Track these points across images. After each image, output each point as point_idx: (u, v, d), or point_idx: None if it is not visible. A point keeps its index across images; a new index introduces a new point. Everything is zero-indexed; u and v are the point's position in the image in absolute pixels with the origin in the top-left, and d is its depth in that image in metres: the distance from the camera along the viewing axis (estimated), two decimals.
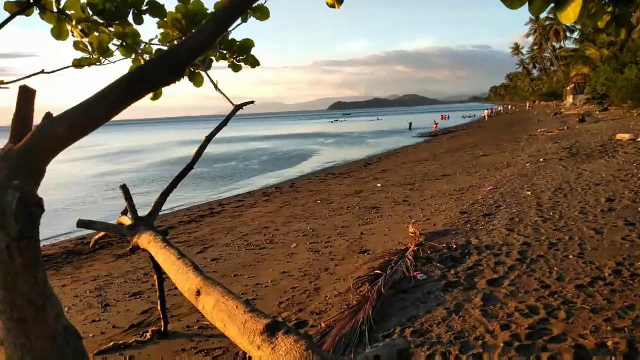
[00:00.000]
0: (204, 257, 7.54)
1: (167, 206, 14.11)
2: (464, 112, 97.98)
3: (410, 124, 58.38)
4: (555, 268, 4.53)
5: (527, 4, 1.60)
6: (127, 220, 4.50)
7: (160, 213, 4.53)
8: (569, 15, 1.57)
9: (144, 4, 2.26)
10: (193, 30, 2.60)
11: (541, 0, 1.59)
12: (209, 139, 4.51)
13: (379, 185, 13.74)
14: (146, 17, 2.46)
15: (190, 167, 4.53)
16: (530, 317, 3.59)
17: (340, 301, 4.45)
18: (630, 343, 3.07)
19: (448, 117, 75.92)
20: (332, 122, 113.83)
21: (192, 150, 4.59)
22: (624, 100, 28.99)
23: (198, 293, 2.40)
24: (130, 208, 4.51)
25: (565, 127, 24.17)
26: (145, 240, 3.77)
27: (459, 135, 35.18)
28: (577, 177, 9.35)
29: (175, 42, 2.70)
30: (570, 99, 54.74)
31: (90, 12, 2.37)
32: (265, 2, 2.43)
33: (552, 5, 1.60)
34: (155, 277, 4.51)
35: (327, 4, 2.30)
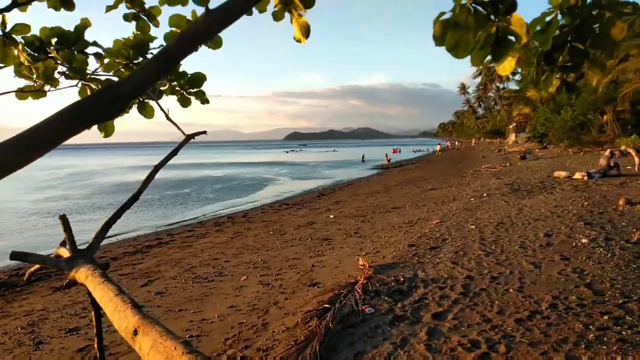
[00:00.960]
0: (148, 290, 7.23)
1: (112, 236, 13.51)
2: (415, 147, 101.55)
3: (363, 156, 59.94)
4: (497, 302, 4.70)
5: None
6: (65, 253, 4.27)
7: (104, 243, 4.34)
8: (505, 68, 1.71)
9: (91, 45, 2.24)
10: (140, 60, 2.61)
11: (479, 54, 1.72)
12: (157, 168, 4.40)
13: (332, 216, 13.83)
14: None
15: (136, 197, 4.38)
16: (472, 351, 3.68)
17: (288, 337, 4.38)
18: None
19: (399, 151, 78.31)
20: (287, 152, 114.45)
21: (142, 176, 4.48)
22: (561, 139, 31.06)
23: (135, 333, 2.29)
24: (69, 240, 4.28)
25: (508, 164, 25.48)
26: (83, 275, 3.58)
27: (410, 169, 36.24)
28: (518, 212, 9.82)
29: (122, 69, 2.68)
30: (512, 137, 57.97)
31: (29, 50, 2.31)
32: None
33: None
34: (92, 313, 4.27)
35: (294, 38, 2.37)
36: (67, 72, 2.55)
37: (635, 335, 3.72)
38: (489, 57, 1.73)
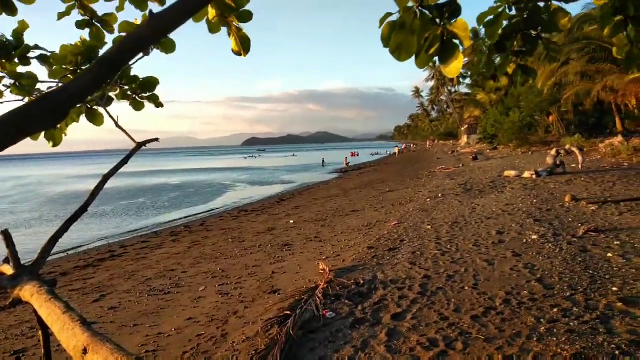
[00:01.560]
0: (100, 305, 6.93)
1: (62, 250, 12.87)
2: (372, 150, 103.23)
3: (323, 160, 60.78)
4: (453, 299, 4.81)
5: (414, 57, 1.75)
6: (9, 270, 4.02)
7: (53, 257, 4.13)
8: (452, 70, 1.74)
9: (32, 49, 2.13)
10: (88, 66, 2.50)
11: (425, 55, 1.75)
12: (106, 177, 4.21)
13: (291, 221, 13.79)
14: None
15: (84, 208, 4.15)
16: (430, 349, 3.74)
17: (248, 346, 4.30)
18: None
19: (357, 154, 79.34)
20: (245, 157, 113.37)
21: (92, 185, 4.29)
22: (510, 140, 32.44)
23: (84, 351, 2.17)
24: (12, 256, 4.02)
25: (461, 165, 26.31)
26: (28, 292, 3.37)
27: (367, 172, 36.73)
28: (471, 211, 10.14)
29: (69, 75, 2.56)
30: (464, 138, 59.96)
31: None
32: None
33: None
34: (39, 332, 4.04)
35: (233, 51, 2.33)
36: (10, 88, 2.41)
37: (581, 325, 3.90)
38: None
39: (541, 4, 1.86)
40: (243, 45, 2.16)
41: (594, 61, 26.06)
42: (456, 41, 1.66)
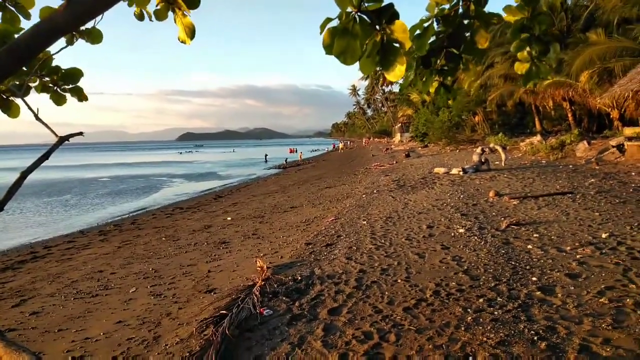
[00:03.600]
0: (21, 311, 6.45)
1: None
2: (311, 147, 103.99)
3: (266, 156, 60.72)
4: (387, 293, 4.97)
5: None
6: None
7: None
8: (396, 74, 1.78)
9: None
10: None
11: (367, 62, 1.78)
12: (24, 175, 3.93)
13: (229, 218, 13.57)
14: None
15: None
16: (365, 342, 3.84)
17: (182, 349, 4.19)
18: (446, 358, 3.49)
19: (296, 151, 79.66)
20: (181, 153, 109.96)
21: (9, 180, 3.96)
22: (440, 138, 33.96)
23: None
24: None
25: (395, 162, 27.16)
26: None
27: (306, 168, 36.95)
28: (404, 206, 10.51)
29: None
30: (398, 136, 61.95)
31: None
32: (96, 23, 2.24)
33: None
34: None
35: (179, 39, 2.26)
36: None
37: (504, 314, 4.18)
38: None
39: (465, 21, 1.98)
40: (188, 33, 2.10)
41: None
42: (397, 45, 1.69)
